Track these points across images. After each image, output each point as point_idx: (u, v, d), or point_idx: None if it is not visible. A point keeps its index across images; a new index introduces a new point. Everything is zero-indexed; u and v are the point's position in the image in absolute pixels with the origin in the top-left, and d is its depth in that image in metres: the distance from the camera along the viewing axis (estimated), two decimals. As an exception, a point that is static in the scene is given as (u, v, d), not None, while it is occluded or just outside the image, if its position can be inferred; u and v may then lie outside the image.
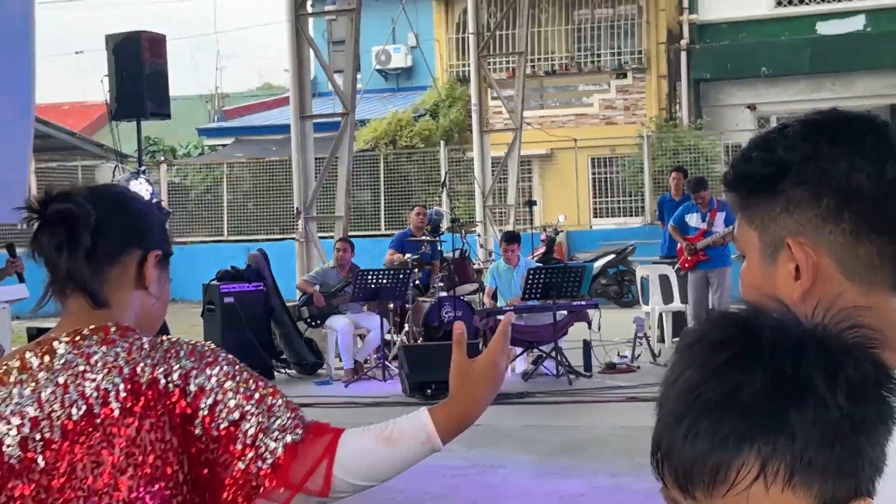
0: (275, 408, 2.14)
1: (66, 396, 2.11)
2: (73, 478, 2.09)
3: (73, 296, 2.24)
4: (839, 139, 1.22)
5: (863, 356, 0.99)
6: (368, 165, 21.43)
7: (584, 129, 22.03)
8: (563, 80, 22.89)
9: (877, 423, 0.98)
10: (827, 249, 1.21)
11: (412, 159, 21.98)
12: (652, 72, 22.17)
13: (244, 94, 32.86)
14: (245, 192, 23.38)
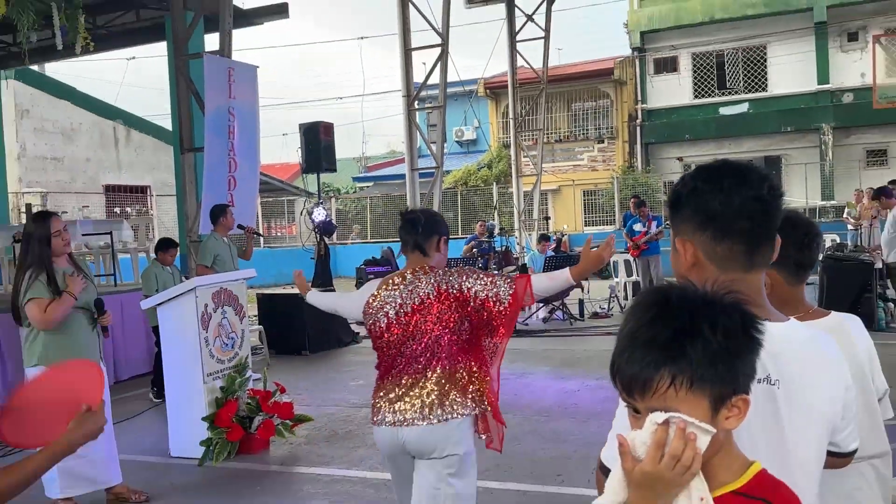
0: (498, 281, 3.20)
1: (411, 295, 3.22)
2: (416, 327, 3.19)
3: (413, 253, 3.34)
4: (708, 179, 1.47)
5: (733, 309, 1.20)
6: (451, 197, 23.40)
7: (578, 173, 24.88)
8: (566, 144, 25.82)
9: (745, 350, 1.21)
10: (699, 247, 1.47)
11: (476, 193, 24.69)
12: (619, 139, 25.00)
13: (379, 156, 37.54)
14: (379, 213, 25.98)
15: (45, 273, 4.45)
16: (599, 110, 25.54)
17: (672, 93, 24.43)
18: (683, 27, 23.83)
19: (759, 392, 1.30)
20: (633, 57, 24.93)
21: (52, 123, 19.51)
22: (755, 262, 1.47)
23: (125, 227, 11.30)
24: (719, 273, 1.43)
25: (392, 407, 3.11)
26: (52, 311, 4.39)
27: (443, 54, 14.44)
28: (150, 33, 12.55)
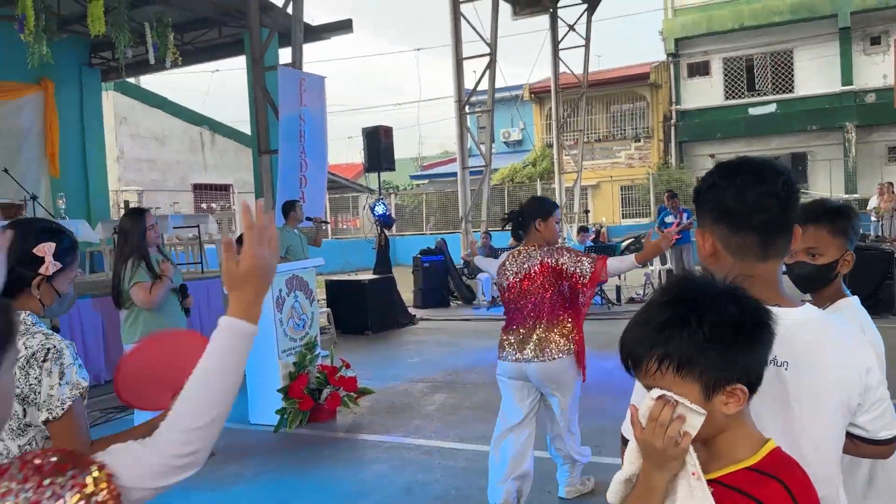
0: (583, 259, 3.67)
1: (523, 265, 3.84)
2: (525, 290, 3.77)
3: (525, 235, 3.83)
4: (725, 175, 1.44)
5: (732, 302, 1.17)
6: (498, 193, 23.50)
7: (616, 170, 24.65)
8: (605, 143, 25.49)
9: (742, 341, 1.17)
10: (716, 238, 1.44)
11: (521, 189, 24.35)
12: (654, 138, 24.58)
13: (433, 156, 37.41)
14: (434, 208, 26.25)
15: (143, 261, 4.60)
16: (636, 111, 25.25)
17: (704, 94, 24.07)
18: (715, 34, 23.46)
19: (768, 373, 1.25)
20: (667, 62, 24.58)
21: (147, 129, 20.00)
22: (770, 252, 1.42)
23: (211, 220, 11.53)
24: (736, 262, 1.41)
25: (514, 348, 3.86)
26: (156, 292, 4.56)
27: (491, 63, 14.48)
28: (231, 48, 12.75)
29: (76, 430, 1.80)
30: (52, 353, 1.78)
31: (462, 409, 6.12)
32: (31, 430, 1.80)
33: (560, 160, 17.87)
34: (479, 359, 8.10)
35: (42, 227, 1.95)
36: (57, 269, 1.91)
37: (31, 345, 1.78)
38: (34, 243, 1.88)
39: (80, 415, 1.81)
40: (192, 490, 4.49)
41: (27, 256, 1.87)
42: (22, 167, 11.17)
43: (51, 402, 1.77)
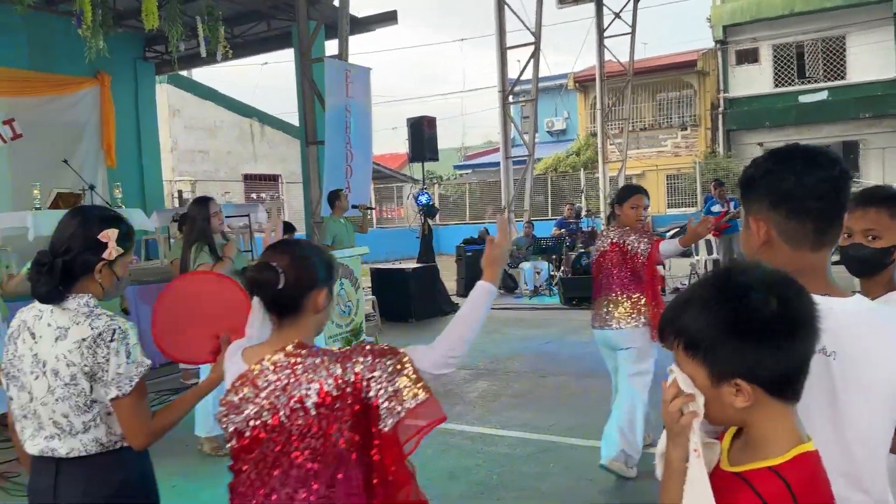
0: (643, 240, 4.12)
1: (602, 243, 4.32)
2: (603, 265, 4.28)
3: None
4: (781, 161, 1.41)
5: (760, 297, 1.13)
6: (541, 182, 23.42)
7: (662, 159, 24.04)
8: (650, 132, 24.73)
9: (747, 339, 1.13)
10: (771, 225, 1.40)
11: (565, 178, 24.32)
12: (702, 126, 23.89)
13: (477, 146, 36.86)
14: (477, 198, 26.05)
15: (206, 245, 4.83)
16: (683, 100, 24.61)
17: (753, 82, 23.34)
18: (764, 20, 22.73)
19: (815, 363, 1.23)
20: (715, 49, 23.96)
21: (199, 121, 20.40)
22: (823, 240, 1.40)
23: (260, 210, 11.71)
24: (790, 251, 1.39)
25: (597, 316, 4.30)
26: (218, 272, 4.71)
27: (535, 52, 14.35)
28: (279, 41, 12.91)
29: (141, 406, 1.91)
30: (118, 334, 1.87)
31: (503, 396, 6.14)
32: (96, 406, 1.89)
33: (604, 149, 17.50)
34: (521, 347, 8.12)
35: (102, 215, 2.04)
36: (118, 255, 2.00)
37: (97, 325, 1.87)
38: (97, 230, 1.96)
39: (144, 390, 1.93)
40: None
41: (91, 242, 1.95)
42: (80, 158, 11.53)
43: (120, 380, 1.87)
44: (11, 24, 10.03)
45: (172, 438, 5.22)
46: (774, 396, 1.18)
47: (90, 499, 1.88)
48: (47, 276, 1.89)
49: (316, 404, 1.64)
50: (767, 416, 1.19)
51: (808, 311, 1.17)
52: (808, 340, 1.17)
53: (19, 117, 10.99)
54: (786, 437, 1.18)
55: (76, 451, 1.90)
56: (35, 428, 1.93)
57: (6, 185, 10.50)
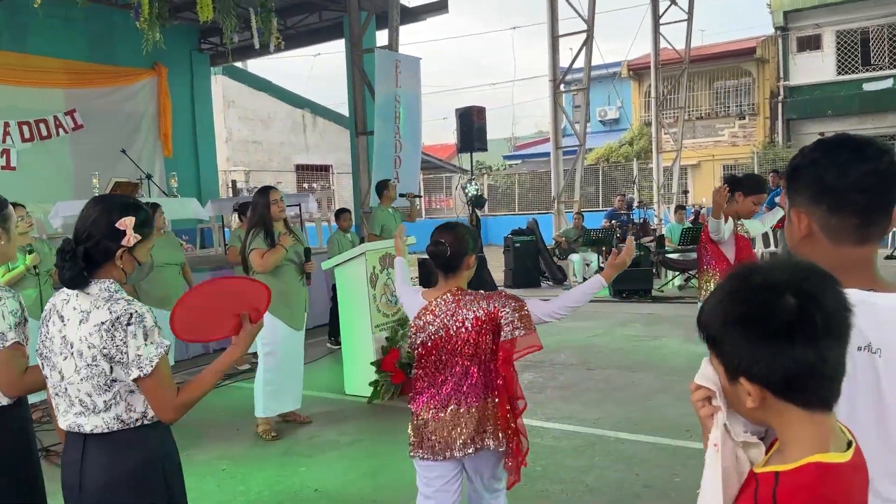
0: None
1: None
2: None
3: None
4: (826, 152, 1.36)
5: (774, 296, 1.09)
6: (593, 173, 23.18)
7: (719, 149, 23.35)
8: (707, 121, 24.14)
9: (752, 337, 1.10)
10: (813, 218, 1.36)
11: (617, 169, 23.88)
12: (760, 115, 23.18)
13: (527, 136, 36.51)
14: (526, 188, 25.72)
15: (263, 231, 5.01)
16: (741, 88, 23.92)
17: (815, 70, 22.54)
18: (827, 6, 21.91)
19: (860, 360, 1.20)
20: (775, 36, 23.22)
21: (253, 112, 20.76)
22: (868, 234, 1.34)
23: (311, 199, 11.80)
24: (831, 245, 1.35)
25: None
26: (268, 258, 4.95)
27: (588, 40, 14.20)
28: (331, 32, 13.06)
29: (164, 383, 1.99)
30: (135, 317, 1.96)
31: (549, 388, 6.10)
32: (116, 385, 1.98)
33: (658, 139, 17.26)
34: (568, 339, 8.03)
35: (121, 203, 2.11)
36: (137, 241, 2.07)
37: (115, 310, 1.96)
38: (116, 218, 2.04)
39: (165, 369, 2.01)
40: (290, 455, 4.74)
41: (111, 230, 2.04)
42: (139, 148, 11.90)
43: (140, 361, 1.95)
44: (73, 17, 10.40)
45: (222, 423, 5.45)
46: (782, 399, 1.12)
47: (112, 473, 1.99)
48: (70, 263, 1.99)
49: (472, 324, 2.63)
50: (783, 420, 1.14)
51: (828, 316, 1.09)
52: (816, 344, 1.09)
53: (80, 108, 11.39)
54: (805, 443, 1.12)
55: (99, 428, 2.00)
56: (67, 405, 2.04)
57: (68, 173, 10.91)
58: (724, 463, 1.18)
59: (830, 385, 1.13)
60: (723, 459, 1.18)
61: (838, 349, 1.11)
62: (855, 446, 1.15)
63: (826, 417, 1.14)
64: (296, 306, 5.17)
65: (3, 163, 10.50)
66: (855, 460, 1.13)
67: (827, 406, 1.14)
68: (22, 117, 10.70)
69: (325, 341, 8.22)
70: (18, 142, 10.65)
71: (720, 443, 1.17)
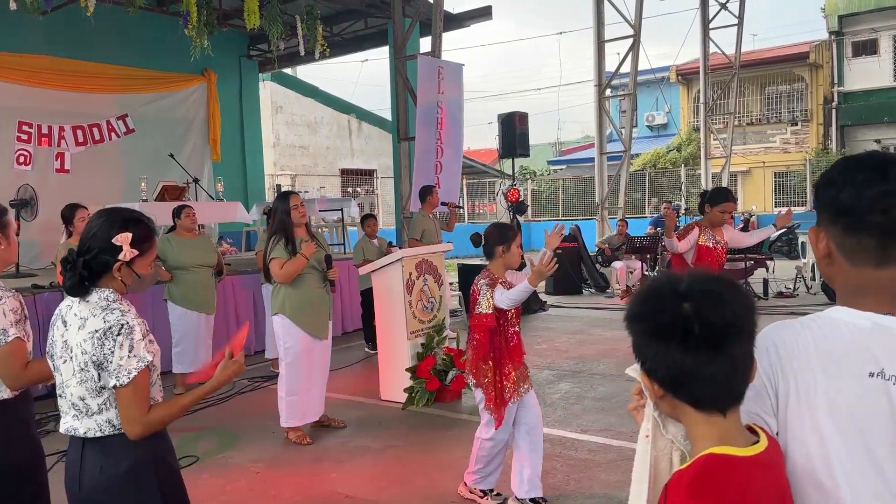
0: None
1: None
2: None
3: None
4: (844, 171, 1.30)
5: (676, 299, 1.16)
6: (639, 179, 22.78)
7: (769, 155, 22.94)
8: (757, 127, 23.70)
9: (645, 341, 1.19)
10: (831, 238, 1.30)
11: (664, 175, 23.43)
12: (813, 121, 22.65)
13: (573, 141, 35.95)
14: (570, 194, 25.54)
15: (284, 238, 4.91)
16: (793, 93, 23.42)
17: (871, 75, 21.93)
18: (885, 9, 21.30)
19: (871, 387, 1.17)
20: (829, 41, 22.65)
21: (300, 117, 21.03)
22: (888, 257, 1.26)
23: (353, 204, 11.98)
24: (849, 266, 1.29)
25: None
26: (287, 268, 4.85)
27: (635, 44, 14.01)
28: (376, 38, 13.13)
29: (138, 397, 2.04)
30: (124, 329, 2.03)
31: (586, 399, 5.99)
32: (105, 392, 2.06)
33: (707, 144, 16.94)
34: (609, 349, 7.90)
35: (123, 217, 2.17)
36: (134, 256, 2.13)
37: (109, 319, 2.03)
38: (115, 232, 2.11)
39: (143, 384, 2.05)
40: (322, 460, 4.73)
41: (108, 244, 2.11)
42: (188, 152, 12.16)
43: (119, 372, 2.02)
44: (125, 25, 10.64)
45: (259, 426, 5.48)
46: (675, 397, 1.20)
47: (106, 475, 2.07)
48: (70, 273, 2.09)
49: (471, 295, 3.81)
50: (687, 419, 1.21)
51: (708, 327, 1.14)
52: (691, 351, 1.15)
53: (132, 113, 11.69)
54: (703, 441, 1.18)
55: (92, 432, 2.08)
56: (66, 407, 2.13)
57: (119, 177, 11.21)
58: (656, 453, 1.24)
59: (714, 392, 1.17)
60: (654, 449, 1.24)
61: (718, 361, 1.15)
62: (767, 446, 1.18)
63: (721, 419, 1.19)
64: (318, 315, 5.07)
65: (57, 166, 10.82)
66: (760, 457, 1.16)
67: (718, 410, 1.18)
68: (76, 121, 11.02)
69: (362, 346, 8.25)
70: (73, 145, 10.97)
71: (651, 434, 1.24)
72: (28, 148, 10.48)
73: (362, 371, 7.26)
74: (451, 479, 4.30)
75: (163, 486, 2.14)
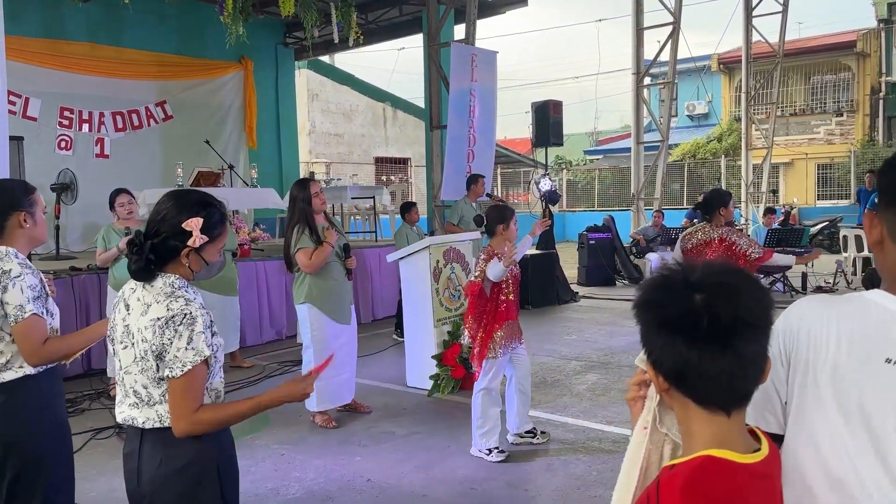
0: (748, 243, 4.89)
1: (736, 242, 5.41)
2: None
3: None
4: None
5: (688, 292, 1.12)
6: (677, 169, 22.40)
7: (813, 146, 22.35)
8: (801, 118, 23.12)
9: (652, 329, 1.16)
10: (885, 224, 1.28)
11: (704, 166, 23.01)
12: (859, 112, 22.00)
13: (611, 131, 35.51)
14: (607, 184, 25.24)
15: (307, 227, 4.89)
16: (839, 83, 22.78)
17: (920, 65, 21.32)
18: (938, -4, 20.64)
19: (885, 372, 1.14)
20: (878, 29, 21.98)
21: (336, 105, 21.16)
22: None
23: (384, 192, 12.00)
24: None
25: None
26: (316, 258, 4.86)
27: (674, 32, 13.80)
28: (410, 26, 13.11)
29: (189, 393, 1.96)
30: (186, 319, 1.95)
31: (613, 390, 5.95)
32: (165, 382, 1.99)
33: (748, 135, 16.53)
34: (638, 342, 7.77)
35: (194, 201, 2.09)
36: (204, 242, 2.06)
37: (173, 308, 1.96)
38: (185, 217, 2.04)
39: (197, 379, 1.97)
40: (347, 444, 4.79)
41: (177, 229, 2.03)
42: (224, 139, 12.33)
43: (174, 363, 1.94)
44: (163, 12, 10.84)
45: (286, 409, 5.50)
46: (679, 391, 1.16)
47: (166, 467, 2.00)
48: (137, 256, 2.02)
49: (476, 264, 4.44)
50: (686, 414, 1.17)
51: (717, 322, 1.09)
52: (697, 345, 1.11)
53: (170, 100, 11.87)
54: (701, 439, 1.15)
55: (151, 421, 2.02)
56: (122, 395, 2.08)
57: (157, 162, 11.42)
58: (650, 445, 1.22)
59: (718, 390, 1.13)
60: (649, 442, 1.22)
61: (728, 357, 1.10)
62: (767, 455, 1.15)
63: (724, 419, 1.14)
64: (341, 302, 5.12)
65: (97, 151, 11.05)
66: (757, 467, 1.12)
67: (722, 409, 1.14)
68: (116, 107, 11.21)
69: (391, 332, 8.29)
70: (112, 131, 11.18)
71: (650, 427, 1.22)
72: (69, 133, 10.72)
73: (389, 358, 7.32)
74: (474, 466, 4.34)
75: (224, 481, 2.07)
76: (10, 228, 2.48)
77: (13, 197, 2.50)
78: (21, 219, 2.49)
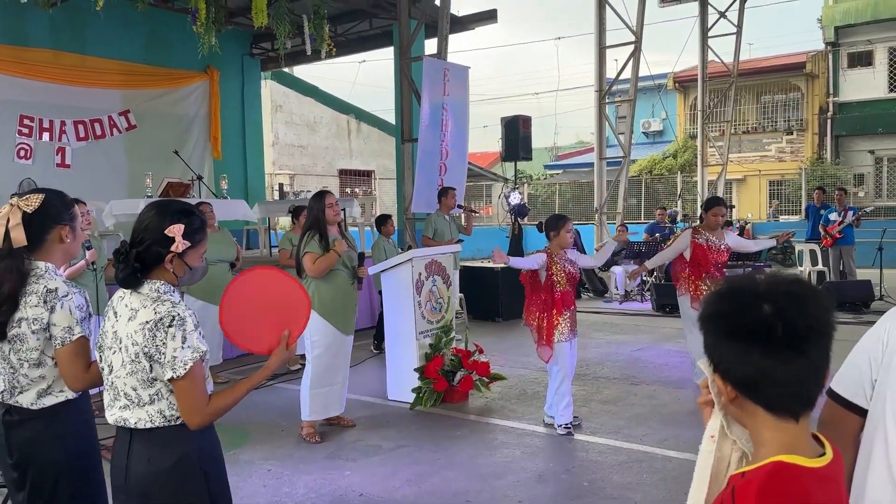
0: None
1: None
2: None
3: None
4: None
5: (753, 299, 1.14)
6: (635, 185, 22.26)
7: (765, 164, 22.80)
8: (753, 136, 23.88)
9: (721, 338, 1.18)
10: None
11: (660, 181, 23.42)
12: (809, 131, 22.78)
13: (567, 146, 36.07)
14: (567, 198, 25.41)
15: (318, 234, 5.02)
16: (790, 102, 23.55)
17: (866, 86, 22.07)
18: (881, 21, 21.48)
19: None
20: (825, 51, 22.81)
21: (299, 117, 21.02)
22: None
23: (355, 204, 11.88)
24: None
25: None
26: (320, 263, 4.95)
27: (636, 51, 14.02)
28: (380, 39, 13.16)
29: (196, 387, 2.05)
30: (176, 320, 2.02)
31: (593, 402, 6.02)
32: (157, 384, 2.06)
33: (704, 152, 16.88)
34: (611, 353, 7.94)
35: (174, 209, 2.18)
36: (186, 247, 2.14)
37: (160, 311, 2.04)
38: (167, 224, 2.12)
39: (199, 374, 2.05)
40: (335, 458, 4.72)
41: (160, 236, 2.12)
42: (189, 149, 12.11)
43: (174, 363, 2.02)
44: (130, 20, 10.63)
45: (268, 423, 5.47)
46: (750, 400, 1.17)
47: (153, 468, 2.07)
48: (122, 264, 2.10)
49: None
50: (755, 422, 1.18)
51: (792, 329, 1.12)
52: (772, 354, 1.13)
53: (134, 109, 11.64)
54: (771, 446, 1.16)
55: (142, 422, 2.08)
56: (112, 398, 2.13)
57: (122, 173, 11.17)
58: (719, 454, 1.23)
59: (791, 396, 1.15)
60: (717, 451, 1.23)
61: (801, 363, 1.13)
62: (831, 460, 1.17)
63: (793, 426, 1.17)
64: (347, 311, 5.18)
65: (58, 160, 10.76)
66: (824, 471, 1.15)
67: (792, 415, 1.16)
68: (78, 116, 10.95)
69: (368, 345, 8.22)
70: (74, 140, 10.91)
71: (717, 435, 1.23)
72: (29, 142, 10.42)
73: (369, 370, 7.26)
74: (464, 478, 4.32)
75: (209, 480, 2.13)
76: (50, 243, 2.39)
77: (56, 210, 2.42)
78: (63, 233, 2.41)
